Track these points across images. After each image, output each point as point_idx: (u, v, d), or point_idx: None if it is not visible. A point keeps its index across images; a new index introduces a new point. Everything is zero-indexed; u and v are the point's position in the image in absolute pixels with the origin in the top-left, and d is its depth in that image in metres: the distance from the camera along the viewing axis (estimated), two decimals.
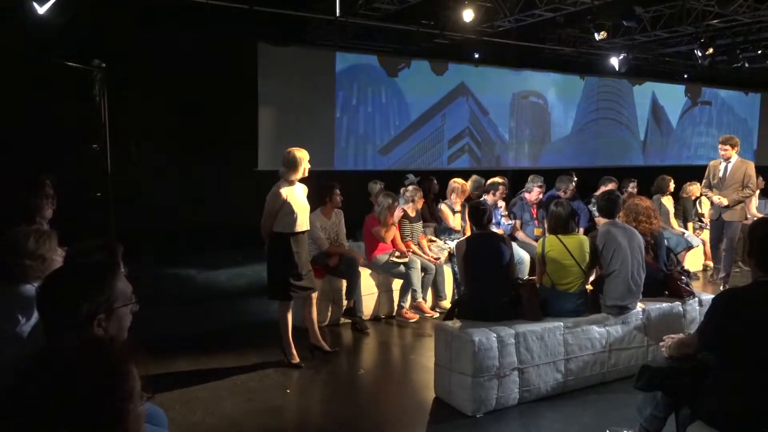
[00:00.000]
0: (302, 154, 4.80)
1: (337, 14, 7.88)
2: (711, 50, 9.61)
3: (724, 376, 2.69)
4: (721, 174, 7.28)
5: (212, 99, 8.69)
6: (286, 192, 4.77)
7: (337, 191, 5.98)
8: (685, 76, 13.22)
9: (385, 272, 6.24)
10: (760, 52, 10.54)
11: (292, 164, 4.78)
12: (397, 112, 10.35)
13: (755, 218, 6.81)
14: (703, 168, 7.85)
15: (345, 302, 5.98)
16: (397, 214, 6.20)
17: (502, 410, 4.10)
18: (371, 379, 4.96)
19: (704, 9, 8.59)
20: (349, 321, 5.98)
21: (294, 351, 4.91)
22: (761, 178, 9.29)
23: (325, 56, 9.72)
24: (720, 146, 7.28)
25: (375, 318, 6.22)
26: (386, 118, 10.27)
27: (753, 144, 15.28)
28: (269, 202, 4.76)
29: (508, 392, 4.13)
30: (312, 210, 6.01)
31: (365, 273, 6.14)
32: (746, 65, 11.08)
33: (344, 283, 5.93)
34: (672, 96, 13.73)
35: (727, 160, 7.23)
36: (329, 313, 6.00)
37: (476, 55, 10.39)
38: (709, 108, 14.43)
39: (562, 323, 4.36)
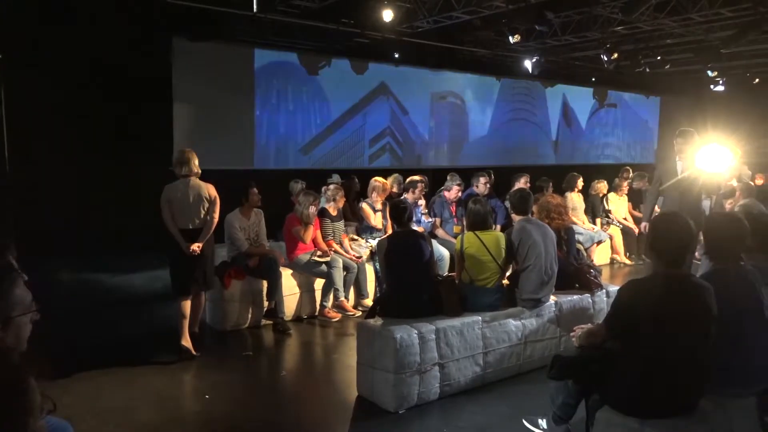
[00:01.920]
0: (190, 153, 5.04)
1: (255, 10, 7.73)
2: (616, 55, 10.16)
3: (629, 362, 2.85)
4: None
5: (125, 96, 8.28)
6: (172, 189, 4.95)
7: (255, 190, 5.88)
8: (593, 79, 13.91)
9: (306, 272, 6.19)
10: (659, 57, 11.26)
11: (179, 160, 5.00)
12: (318, 110, 10.28)
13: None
14: (610, 167, 8.29)
15: (266, 303, 5.89)
16: (311, 211, 6.13)
17: (424, 405, 4.16)
18: (294, 380, 4.91)
19: (610, 16, 9.07)
20: (271, 322, 5.89)
21: (190, 345, 4.96)
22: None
23: (242, 53, 9.51)
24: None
25: (297, 318, 6.16)
26: (307, 117, 10.18)
27: (654, 144, 16.32)
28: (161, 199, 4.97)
29: (429, 387, 4.20)
30: (230, 210, 5.91)
31: (286, 273, 6.07)
32: (647, 70, 11.81)
33: (265, 284, 5.84)
34: (581, 98, 14.43)
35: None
36: (249, 315, 5.89)
37: (396, 55, 10.49)
38: (615, 110, 15.28)
39: (480, 318, 4.49)
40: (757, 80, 13.71)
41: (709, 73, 12.36)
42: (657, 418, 2.76)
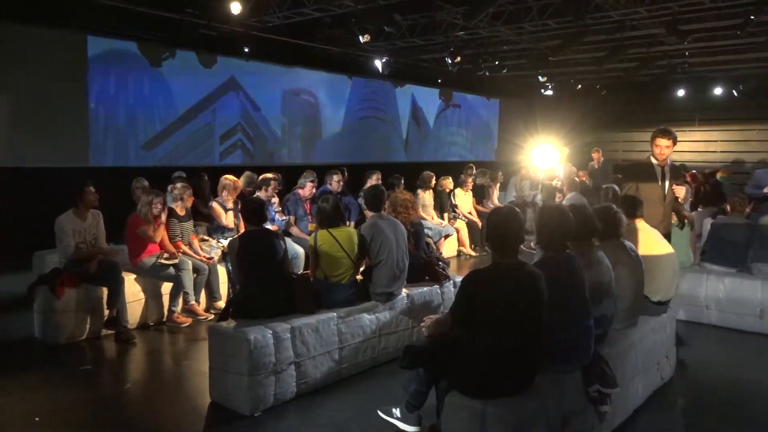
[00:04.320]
0: None
1: None
2: (459, 58, 10.77)
3: (473, 348, 3.04)
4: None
5: None
6: None
7: (91, 189, 5.43)
8: (439, 80, 14.60)
9: (152, 276, 5.82)
10: (497, 62, 12.11)
11: None
12: (163, 104, 9.70)
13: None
14: (456, 164, 8.74)
15: (107, 312, 5.44)
16: (157, 210, 5.80)
17: (281, 405, 4.10)
18: (140, 392, 4.58)
19: (453, 21, 9.57)
20: (113, 332, 5.46)
21: None
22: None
23: (74, 39, 8.69)
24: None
25: (143, 326, 5.78)
26: (150, 111, 9.56)
27: (494, 144, 17.53)
28: None
29: (285, 387, 4.15)
30: (63, 211, 5.40)
31: (129, 278, 5.67)
32: (487, 73, 12.66)
33: (105, 290, 5.40)
34: (428, 98, 15.08)
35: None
36: (88, 326, 5.41)
37: (246, 50, 10.20)
38: (459, 110, 16.18)
39: (335, 314, 4.52)
40: (579, 86, 15.27)
41: (540, 78, 13.56)
42: (498, 397, 2.96)
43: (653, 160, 5.30)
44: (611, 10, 8.37)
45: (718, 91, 14.41)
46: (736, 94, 14.15)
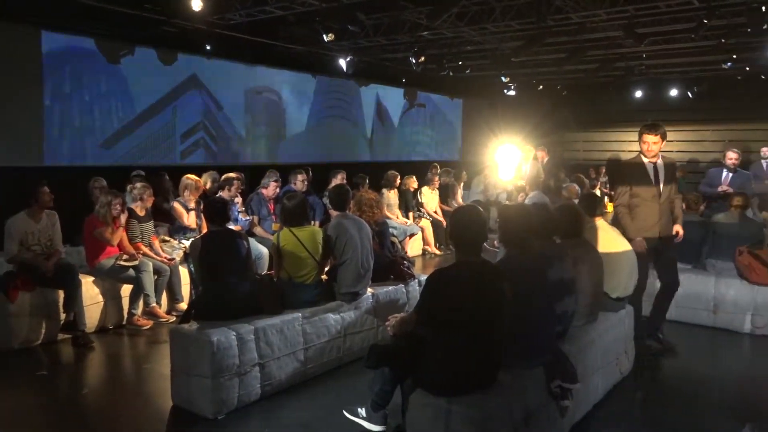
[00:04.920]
0: None
1: None
2: (423, 58, 10.82)
3: (437, 346, 3.06)
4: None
5: None
6: None
7: (46, 189, 5.26)
8: (403, 80, 14.64)
9: (111, 278, 5.69)
10: (460, 62, 12.22)
11: None
12: (121, 102, 9.45)
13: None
14: (421, 163, 8.79)
15: (63, 316, 5.29)
16: (116, 211, 5.67)
17: (245, 408, 4.06)
18: (98, 397, 4.47)
19: (417, 21, 9.60)
20: (70, 336, 5.31)
21: None
22: None
23: (27, 34, 8.40)
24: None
25: (101, 330, 5.64)
26: (108, 109, 9.30)
27: (458, 143, 17.67)
28: None
29: (249, 389, 4.10)
30: (16, 212, 5.23)
31: (87, 280, 5.53)
32: (451, 73, 12.76)
33: (62, 294, 5.25)
34: (393, 98, 15.10)
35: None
36: (43, 330, 5.26)
37: (208, 47, 10.04)
38: (424, 110, 16.24)
39: (300, 314, 4.49)
40: (541, 87, 15.53)
41: (503, 78, 13.73)
42: (463, 395, 2.99)
43: (643, 158, 5.06)
44: (571, 12, 8.53)
45: (673, 92, 14.85)
46: (690, 95, 14.60)
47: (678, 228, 5.15)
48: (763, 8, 7.68)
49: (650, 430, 3.99)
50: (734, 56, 10.96)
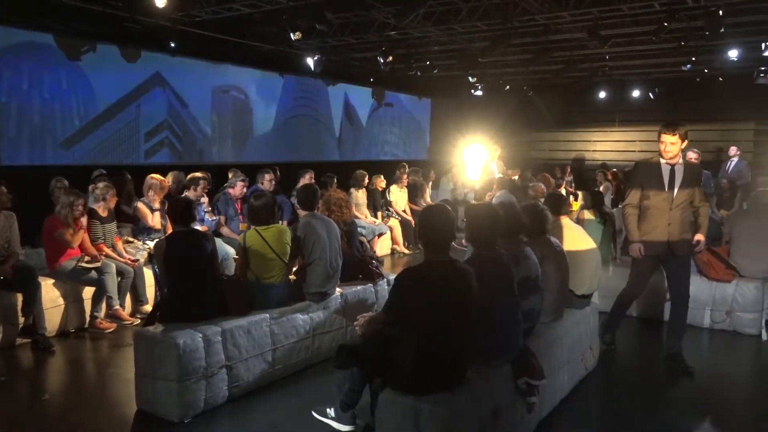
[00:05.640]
0: None
1: None
2: (391, 58, 10.84)
3: (406, 345, 3.06)
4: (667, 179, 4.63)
5: None
6: None
7: (3, 189, 5.12)
8: (371, 79, 14.64)
9: (73, 280, 5.55)
10: (428, 62, 12.28)
11: None
12: (82, 100, 9.22)
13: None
14: (389, 163, 8.79)
15: (22, 319, 5.13)
16: (78, 212, 5.53)
17: (212, 411, 4.00)
18: (60, 403, 4.36)
19: (384, 21, 9.62)
20: (29, 340, 5.16)
21: None
22: None
23: None
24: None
25: (62, 333, 5.50)
26: (68, 107, 9.07)
27: (426, 143, 17.75)
28: None
29: (216, 391, 4.05)
30: None
31: (47, 283, 5.38)
32: (418, 73, 12.81)
33: (20, 297, 5.09)
34: (361, 97, 15.09)
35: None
36: (0, 335, 5.09)
37: (172, 45, 9.86)
38: (392, 109, 16.28)
39: (268, 315, 4.45)
40: (508, 87, 15.71)
41: (470, 78, 13.84)
42: (431, 393, 3.00)
43: (660, 159, 4.60)
44: (537, 14, 8.65)
45: (636, 93, 15.20)
46: (652, 96, 14.97)
47: (699, 236, 4.64)
48: (720, 12, 7.91)
49: (615, 423, 4.08)
50: (693, 58, 11.27)
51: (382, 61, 10.79)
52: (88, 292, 5.65)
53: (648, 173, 4.66)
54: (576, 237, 4.77)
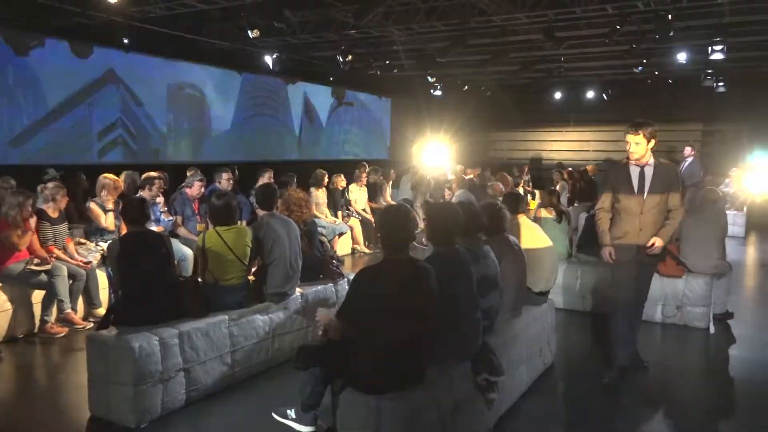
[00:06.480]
0: None
1: None
2: (350, 57, 10.82)
3: (365, 344, 3.06)
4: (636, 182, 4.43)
5: None
6: None
7: None
8: (331, 78, 14.59)
9: (21, 284, 5.35)
10: (388, 62, 12.30)
11: None
12: (31, 97, 8.91)
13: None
14: (350, 162, 8.77)
15: None
16: (26, 213, 5.34)
17: (169, 415, 3.91)
18: (9, 411, 4.19)
19: (344, 20, 9.59)
20: None
21: None
22: None
23: None
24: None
25: (10, 339, 5.29)
26: (16, 104, 8.75)
27: (387, 142, 17.79)
28: None
29: (174, 395, 3.96)
30: None
31: None
32: (378, 72, 12.82)
33: None
34: (321, 96, 15.03)
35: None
36: None
37: (126, 41, 9.61)
38: (352, 108, 16.25)
39: (226, 316, 4.38)
40: (466, 87, 15.87)
41: (429, 78, 13.94)
42: (392, 392, 3.00)
43: (629, 161, 4.40)
44: (494, 15, 8.77)
45: (590, 94, 15.59)
46: (605, 97, 15.37)
47: (656, 239, 4.35)
48: (670, 17, 8.17)
49: (573, 416, 4.17)
50: (644, 61, 11.62)
51: (341, 60, 10.76)
52: (37, 295, 5.45)
53: (617, 176, 4.46)
54: (533, 235, 4.85)
